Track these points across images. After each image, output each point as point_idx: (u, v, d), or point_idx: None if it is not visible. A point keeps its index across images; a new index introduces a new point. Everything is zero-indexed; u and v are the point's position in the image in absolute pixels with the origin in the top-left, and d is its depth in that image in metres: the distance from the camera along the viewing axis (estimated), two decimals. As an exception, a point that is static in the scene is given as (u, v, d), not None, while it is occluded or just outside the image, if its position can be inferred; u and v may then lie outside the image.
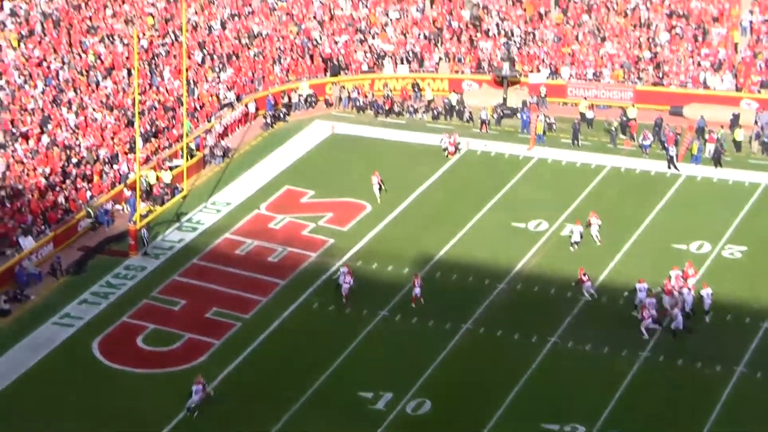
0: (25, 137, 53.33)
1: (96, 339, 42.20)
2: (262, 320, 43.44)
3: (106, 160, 53.32)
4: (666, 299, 43.15)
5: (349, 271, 44.81)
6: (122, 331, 42.83)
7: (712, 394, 38.91)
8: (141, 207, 49.60)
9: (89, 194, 51.14)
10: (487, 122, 61.02)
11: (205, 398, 37.80)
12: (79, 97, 57.36)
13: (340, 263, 46.63)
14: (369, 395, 38.90)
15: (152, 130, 56.29)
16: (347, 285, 44.42)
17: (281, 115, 62.43)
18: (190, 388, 37.81)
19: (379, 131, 60.87)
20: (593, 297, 44.45)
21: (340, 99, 64.18)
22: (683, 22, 66.85)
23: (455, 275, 46.49)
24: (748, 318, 43.33)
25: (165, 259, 47.88)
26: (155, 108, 58.04)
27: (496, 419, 37.78)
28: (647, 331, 41.94)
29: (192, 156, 55.55)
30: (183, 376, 39.39)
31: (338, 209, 52.07)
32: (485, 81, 65.40)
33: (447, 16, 69.28)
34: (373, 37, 68.00)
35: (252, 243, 49.27)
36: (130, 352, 41.54)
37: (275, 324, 43.24)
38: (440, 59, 66.86)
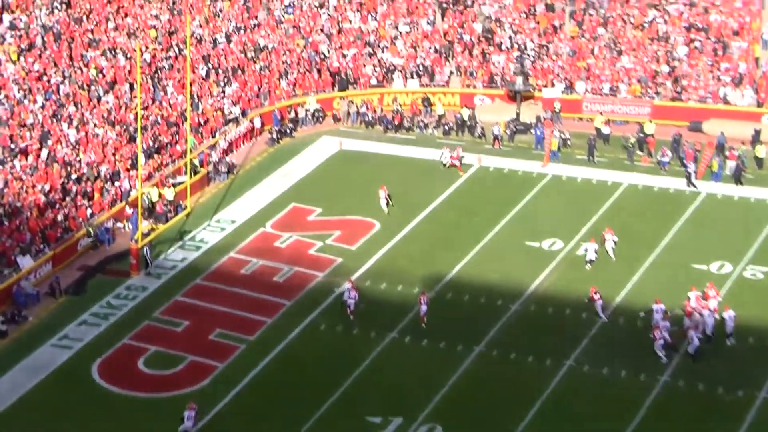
0: (24, 153, 53.43)
1: (96, 362, 42.11)
2: (268, 342, 43.32)
3: (108, 177, 53.36)
4: (686, 321, 42.97)
5: (353, 286, 44.98)
6: (123, 354, 42.73)
7: (734, 421, 38.62)
8: (143, 225, 49.62)
9: (90, 212, 51.15)
10: (500, 138, 60.97)
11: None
12: (80, 112, 57.47)
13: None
14: (378, 420, 38.71)
15: (155, 146, 56.35)
16: (352, 300, 44.62)
17: (288, 131, 62.46)
18: (182, 414, 37.71)
19: (389, 147, 60.86)
20: (601, 318, 44.30)
21: (349, 114, 64.21)
22: (702, 36, 66.82)
23: (467, 295, 46.37)
24: (771, 341, 43.21)
25: (167, 279, 47.84)
26: (158, 123, 58.10)
27: (510, 445, 37.67)
28: (663, 352, 41.71)
29: (196, 172, 55.57)
30: (186, 401, 39.14)
31: (346, 227, 52.02)
32: (498, 96, 65.41)
33: (458, 29, 69.32)
34: (383, 51, 68.06)
35: (257, 262, 49.22)
36: (131, 376, 41.44)
37: (281, 346, 43.12)
38: (451, 73, 66.87)
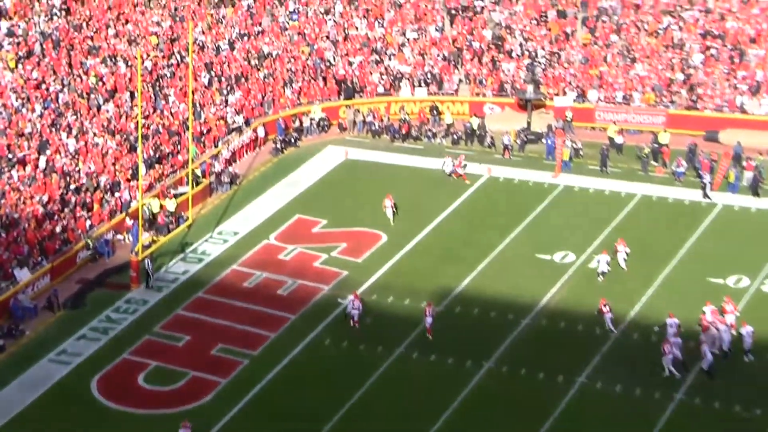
0: (22, 163, 53.44)
1: (95, 377, 42.08)
2: (271, 357, 43.25)
3: (107, 188, 53.34)
4: (702, 336, 42.74)
5: (357, 296, 45.14)
6: (122, 369, 42.69)
7: (752, 440, 38.54)
8: (144, 237, 49.59)
9: (89, 223, 51.14)
10: (510, 148, 60.88)
11: None
12: (80, 121, 57.48)
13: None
14: (384, 438, 38.68)
15: (156, 156, 56.34)
16: (356, 311, 44.77)
17: (292, 140, 62.46)
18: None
19: (396, 157, 60.80)
20: (612, 332, 44.19)
21: (355, 123, 64.19)
22: (718, 43, 66.71)
23: (476, 310, 46.23)
24: (790, 358, 43.01)
25: (168, 292, 47.82)
26: (159, 132, 58.10)
27: (520, 465, 37.58)
28: (675, 368, 41.45)
29: (198, 183, 55.56)
30: (187, 418, 39.08)
31: (352, 239, 51.95)
32: (508, 104, 65.34)
33: (467, 36, 69.30)
34: (390, 58, 68.05)
35: (261, 275, 49.16)
36: (131, 391, 41.39)
37: (285, 361, 43.04)
38: (460, 81, 66.83)
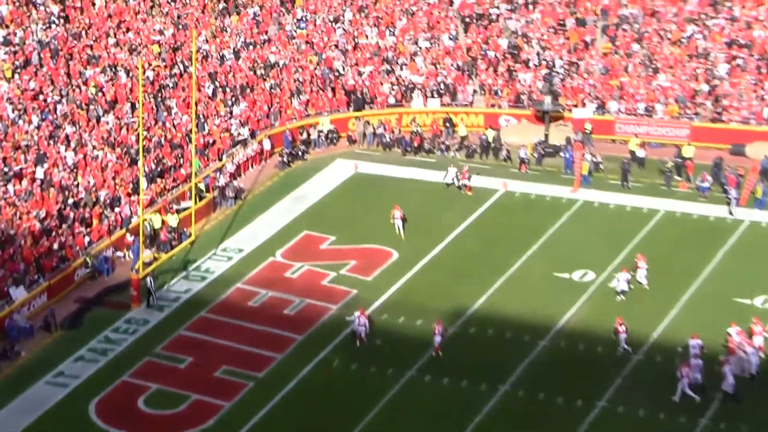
0: (19, 177, 53.49)
1: (93, 400, 42.00)
2: (277, 380, 43.16)
3: (107, 202, 53.37)
4: (724, 357, 42.51)
5: (363, 313, 45.25)
6: (122, 392, 42.63)
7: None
8: (144, 254, 49.56)
9: (88, 240, 51.14)
10: (527, 161, 60.81)
11: None
12: (78, 133, 57.56)
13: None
14: (395, 465, 38.60)
15: (158, 170, 56.38)
16: (362, 328, 44.85)
17: (299, 153, 62.46)
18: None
19: (407, 171, 60.80)
20: (627, 351, 44.05)
21: (365, 135, 64.20)
22: (745, 53, 66.69)
23: (491, 330, 46.12)
24: (821, 381, 42.77)
25: (170, 312, 47.79)
26: (161, 145, 58.15)
27: (538, 493, 37.41)
28: (692, 392, 41.16)
29: (201, 198, 55.58)
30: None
31: (362, 257, 51.89)
32: (525, 116, 65.33)
33: (482, 45, 69.36)
34: (401, 68, 68.10)
35: (266, 294, 49.11)
36: (131, 415, 41.32)
37: (291, 384, 42.95)
38: (475, 92, 66.85)
